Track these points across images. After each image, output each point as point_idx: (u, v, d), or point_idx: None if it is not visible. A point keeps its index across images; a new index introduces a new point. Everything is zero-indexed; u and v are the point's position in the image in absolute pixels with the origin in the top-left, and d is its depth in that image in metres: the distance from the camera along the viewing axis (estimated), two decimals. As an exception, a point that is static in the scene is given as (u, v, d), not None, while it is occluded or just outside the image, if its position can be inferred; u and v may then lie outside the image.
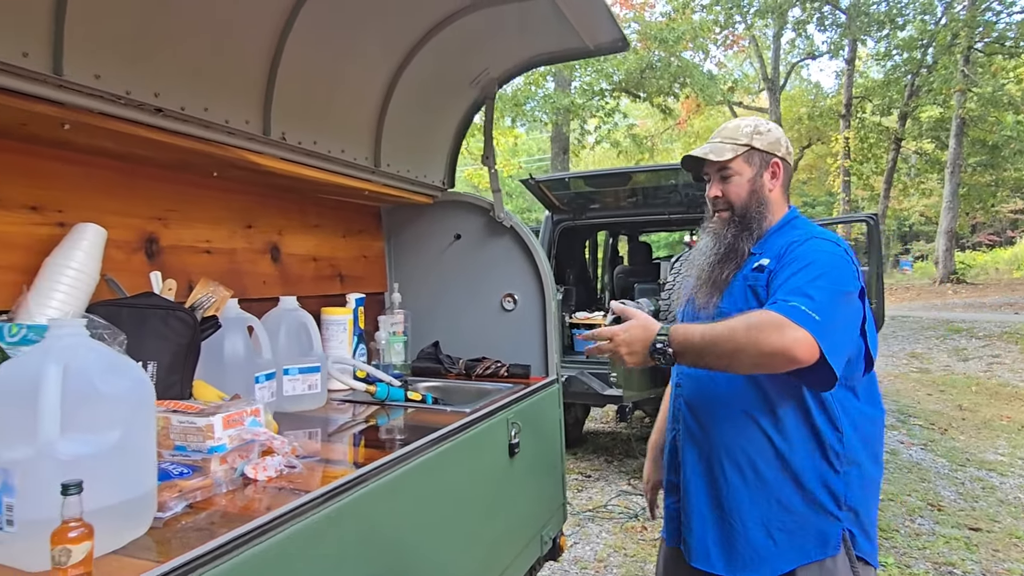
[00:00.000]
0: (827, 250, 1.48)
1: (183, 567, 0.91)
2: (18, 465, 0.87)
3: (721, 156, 1.59)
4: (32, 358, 0.93)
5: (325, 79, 1.94)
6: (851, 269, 1.46)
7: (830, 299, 1.37)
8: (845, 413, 1.50)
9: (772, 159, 1.61)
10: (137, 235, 1.68)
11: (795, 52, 22.51)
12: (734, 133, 1.62)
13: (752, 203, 1.60)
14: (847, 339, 1.41)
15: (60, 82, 1.22)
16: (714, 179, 1.63)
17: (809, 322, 1.31)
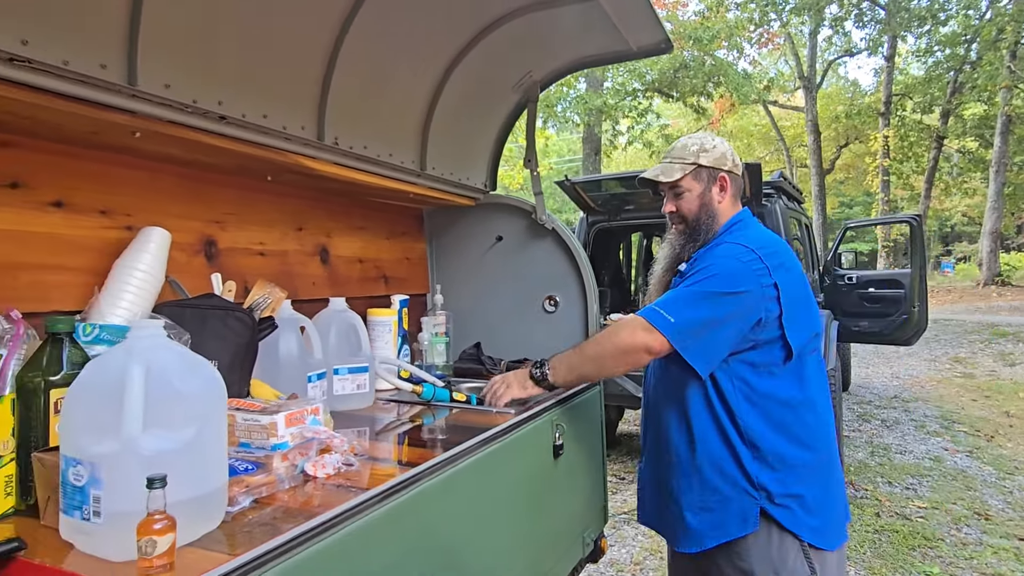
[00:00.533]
0: (726, 254, 1.69)
1: (256, 560, 0.94)
2: (104, 459, 0.92)
3: (671, 176, 1.79)
4: (116, 358, 0.97)
5: (375, 85, 1.98)
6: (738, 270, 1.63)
7: (697, 302, 1.62)
8: (746, 398, 1.66)
9: (719, 173, 1.79)
10: (197, 238, 1.74)
11: (832, 49, 22.09)
12: (682, 153, 1.81)
13: (703, 215, 1.80)
14: (710, 338, 1.61)
15: (134, 92, 1.27)
16: (668, 196, 1.84)
17: (662, 323, 1.61)
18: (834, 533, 1.70)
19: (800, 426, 1.68)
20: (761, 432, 1.66)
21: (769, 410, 1.67)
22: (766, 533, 1.65)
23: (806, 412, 1.70)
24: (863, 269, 8.23)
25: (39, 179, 1.39)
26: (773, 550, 1.65)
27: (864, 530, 3.97)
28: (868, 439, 5.90)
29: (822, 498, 1.68)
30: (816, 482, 1.68)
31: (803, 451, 1.68)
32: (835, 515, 1.72)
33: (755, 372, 1.68)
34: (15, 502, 1.10)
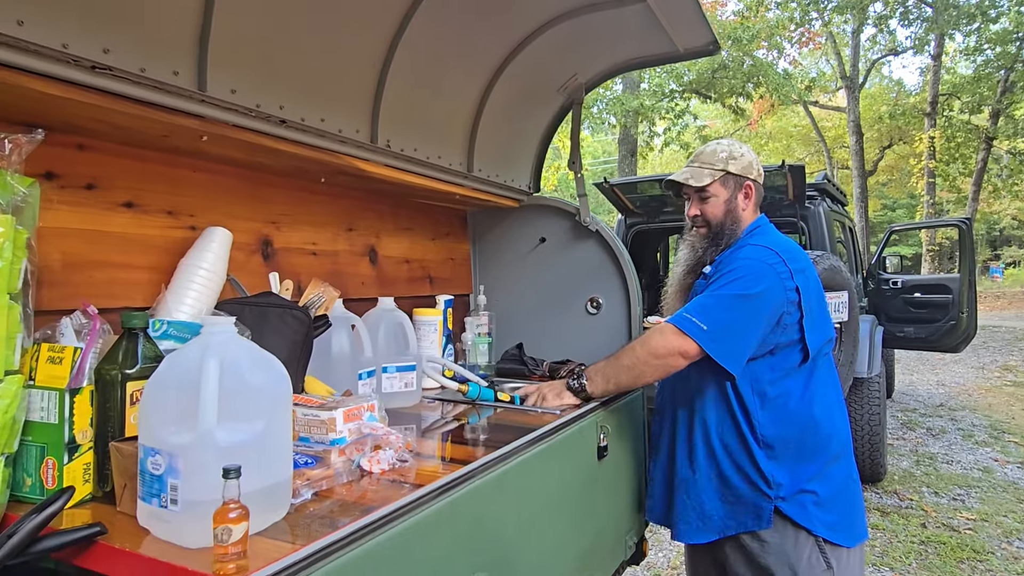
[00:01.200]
0: (750, 255, 1.75)
1: (322, 551, 0.97)
2: (182, 450, 0.96)
3: (700, 181, 1.84)
4: (191, 353, 1.01)
5: (426, 89, 2.01)
6: (763, 270, 1.68)
7: (725, 306, 1.67)
8: (761, 399, 1.72)
9: (745, 181, 1.85)
10: (255, 238, 1.79)
11: (876, 48, 21.55)
12: (711, 159, 1.86)
13: (727, 221, 1.85)
14: (741, 339, 1.66)
15: (203, 97, 1.32)
16: (693, 199, 1.89)
17: (694, 329, 1.66)
18: (851, 530, 1.74)
19: (813, 426, 1.73)
20: (775, 432, 1.71)
21: (783, 411, 1.72)
22: (781, 529, 1.70)
23: (819, 412, 1.74)
24: (907, 273, 8.02)
25: (112, 181, 1.45)
26: (789, 546, 1.70)
27: (909, 540, 3.88)
28: (913, 448, 5.75)
29: (837, 495, 1.73)
30: (830, 480, 1.73)
31: (816, 450, 1.72)
32: (852, 512, 1.76)
33: (771, 374, 1.73)
34: (92, 489, 1.15)
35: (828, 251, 4.54)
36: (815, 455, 1.73)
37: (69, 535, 0.96)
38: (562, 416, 1.82)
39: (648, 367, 1.76)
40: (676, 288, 1.98)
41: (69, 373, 1.13)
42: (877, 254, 7.00)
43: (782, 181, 4.48)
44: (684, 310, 1.73)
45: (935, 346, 6.45)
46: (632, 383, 1.86)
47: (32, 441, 1.12)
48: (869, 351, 4.71)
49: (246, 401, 1.02)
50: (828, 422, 1.77)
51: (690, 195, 1.91)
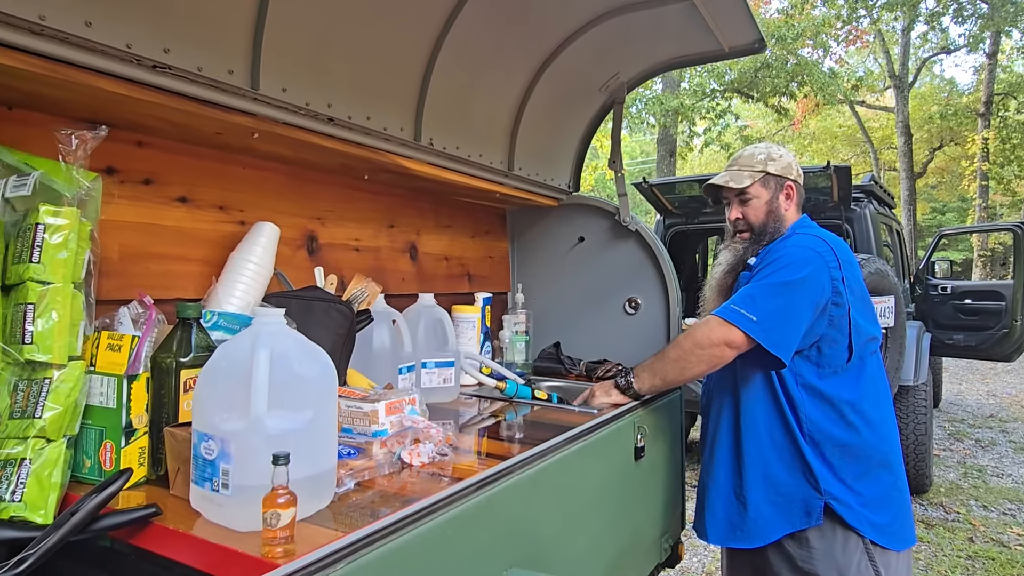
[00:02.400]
0: (798, 243, 1.73)
1: (366, 539, 0.99)
2: (233, 436, 0.99)
3: (740, 183, 1.82)
4: (243, 343, 1.05)
5: (468, 88, 2.03)
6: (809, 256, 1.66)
7: (772, 293, 1.65)
8: (810, 395, 1.70)
9: (786, 182, 1.84)
10: (301, 233, 1.84)
11: (927, 46, 20.87)
12: (750, 161, 1.85)
13: (770, 222, 1.83)
14: (789, 325, 1.64)
15: (256, 95, 1.36)
16: (734, 203, 1.87)
17: (740, 319, 1.64)
18: (900, 534, 1.70)
19: (863, 425, 1.70)
20: (825, 430, 1.69)
21: (832, 408, 1.69)
22: (830, 532, 1.67)
23: (869, 411, 1.71)
24: (957, 279, 7.76)
25: (168, 176, 1.51)
26: (837, 551, 1.67)
27: (956, 555, 3.75)
28: (960, 459, 5.56)
29: (886, 497, 1.70)
30: (878, 481, 1.70)
31: (863, 450, 1.69)
32: (900, 515, 1.72)
33: (819, 371, 1.71)
34: (147, 472, 1.20)
35: (874, 255, 4.43)
36: (862, 455, 1.70)
37: (127, 515, 1.01)
38: (600, 415, 1.82)
39: (694, 358, 1.73)
40: (715, 288, 1.96)
41: (127, 360, 1.17)
42: (925, 258, 6.79)
43: (826, 183, 4.38)
44: (730, 302, 1.71)
45: (986, 355, 6.23)
46: (679, 377, 1.82)
47: (92, 424, 1.17)
48: (916, 358, 4.58)
49: (295, 391, 1.05)
50: (877, 423, 1.73)
51: (730, 199, 1.89)
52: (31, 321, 1.06)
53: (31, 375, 1.09)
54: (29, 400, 1.07)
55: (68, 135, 1.14)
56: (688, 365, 1.76)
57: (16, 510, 1.03)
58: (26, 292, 1.07)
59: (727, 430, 1.85)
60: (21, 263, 1.08)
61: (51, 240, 1.08)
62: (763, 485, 1.75)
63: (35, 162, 1.16)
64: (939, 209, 26.82)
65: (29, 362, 1.07)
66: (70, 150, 1.14)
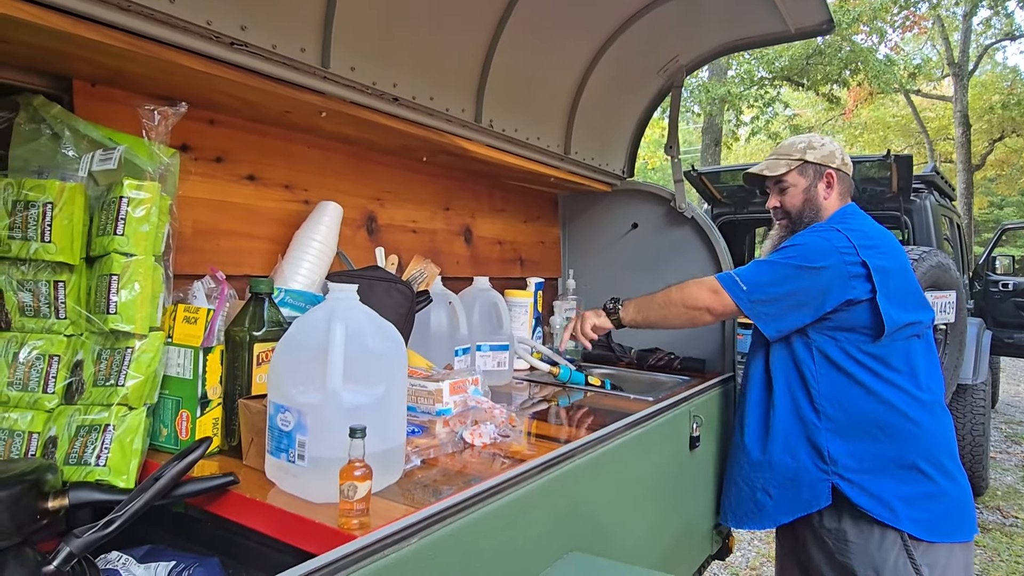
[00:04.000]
0: (812, 230, 1.74)
1: (436, 515, 1.00)
2: (310, 408, 1.00)
3: (775, 171, 1.85)
4: (318, 317, 1.06)
5: (529, 69, 2.01)
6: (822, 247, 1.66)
7: (773, 271, 1.68)
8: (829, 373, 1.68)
9: (826, 170, 1.83)
10: (361, 213, 1.85)
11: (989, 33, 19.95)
12: (788, 150, 1.87)
13: (806, 210, 1.83)
14: (782, 303, 1.67)
15: (326, 74, 1.37)
16: (773, 191, 1.90)
17: (734, 288, 1.71)
18: (948, 526, 1.61)
19: (889, 408, 1.64)
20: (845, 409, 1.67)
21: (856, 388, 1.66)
22: (866, 526, 1.62)
23: (898, 396, 1.65)
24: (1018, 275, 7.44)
25: (237, 155, 1.53)
26: (873, 546, 1.62)
27: (1014, 560, 3.63)
28: (1019, 463, 5.36)
29: (927, 488, 1.61)
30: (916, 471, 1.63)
31: (893, 434, 1.63)
32: (950, 506, 1.62)
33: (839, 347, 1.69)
34: (220, 443, 1.23)
35: (934, 248, 4.27)
36: (887, 440, 1.63)
37: (207, 482, 1.03)
38: (655, 404, 1.80)
39: (675, 311, 1.82)
40: None
41: (203, 333, 1.20)
42: (986, 253, 6.53)
43: (885, 173, 4.23)
44: (733, 270, 1.78)
45: (1049, 355, 5.98)
46: (660, 322, 1.90)
47: (169, 394, 1.20)
48: (975, 356, 4.41)
49: (368, 366, 1.05)
50: (909, 408, 1.65)
51: (770, 187, 1.91)
52: (115, 292, 1.09)
53: (114, 344, 1.12)
54: (112, 368, 1.11)
55: (151, 111, 1.17)
56: (669, 316, 1.85)
57: (101, 474, 1.06)
58: (111, 263, 1.10)
59: (755, 402, 1.85)
60: (106, 235, 1.11)
61: (134, 213, 1.11)
62: (779, 460, 1.75)
63: (118, 137, 1.19)
64: (997, 203, 25.73)
65: (113, 331, 1.10)
66: (152, 125, 1.16)
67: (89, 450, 1.07)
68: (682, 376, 2.28)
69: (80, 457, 1.07)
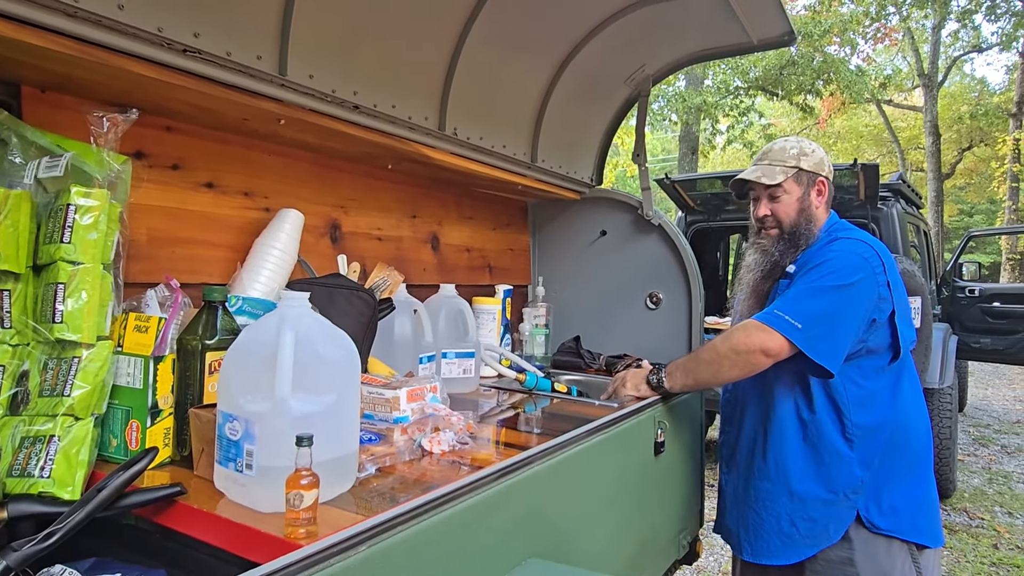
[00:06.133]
0: (844, 249, 1.66)
1: (387, 523, 0.99)
2: (258, 417, 0.99)
3: (773, 179, 1.76)
4: (269, 324, 1.05)
5: (493, 78, 2.02)
6: (856, 263, 1.60)
7: (819, 298, 1.58)
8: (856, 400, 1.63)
9: (818, 178, 1.78)
10: (324, 221, 1.84)
11: (957, 45, 20.45)
12: (781, 156, 1.78)
13: (801, 220, 1.77)
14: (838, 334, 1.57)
15: (283, 82, 1.36)
16: (762, 199, 1.80)
17: (783, 326, 1.57)
18: (938, 530, 1.70)
19: (901, 427, 1.67)
20: (864, 434, 1.64)
21: (872, 411, 1.65)
22: (872, 540, 1.63)
23: (907, 413, 1.69)
24: (985, 282, 7.60)
25: (195, 162, 1.52)
26: (881, 554, 1.63)
27: (979, 561, 3.69)
28: (985, 465, 5.46)
29: (925, 496, 1.68)
30: (922, 480, 1.69)
31: (902, 451, 1.66)
32: (935, 514, 1.71)
33: (862, 373, 1.66)
34: (171, 452, 1.21)
35: (901, 255, 4.35)
36: (901, 455, 1.66)
37: (153, 493, 1.02)
38: (619, 409, 1.80)
39: (728, 363, 1.66)
40: (750, 293, 1.86)
41: (154, 341, 1.19)
42: (953, 260, 6.67)
43: (853, 181, 4.31)
44: (772, 306, 1.63)
45: (1014, 359, 6.11)
46: (712, 379, 1.76)
47: (118, 404, 1.18)
48: (942, 361, 4.49)
49: (319, 373, 1.05)
50: (915, 422, 1.70)
51: (759, 195, 1.82)
52: (61, 300, 1.08)
53: (60, 354, 1.10)
54: (59, 378, 1.09)
55: (100, 117, 1.15)
56: (721, 369, 1.69)
57: (44, 486, 1.04)
58: (57, 272, 1.08)
59: (759, 438, 1.79)
60: (52, 243, 1.10)
61: (82, 221, 1.10)
62: (792, 500, 1.69)
63: (66, 144, 1.17)
64: (967, 211, 26.31)
65: (59, 341, 1.08)
66: (101, 132, 1.15)
67: (33, 461, 1.05)
68: (649, 382, 2.29)
69: (24, 469, 1.05)
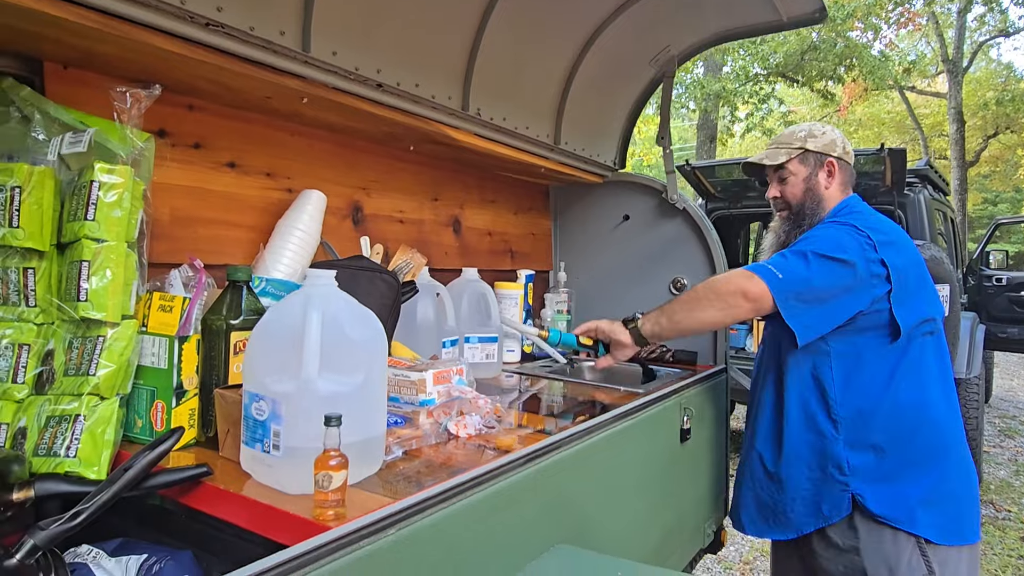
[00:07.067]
0: (829, 225, 1.67)
1: (415, 506, 0.97)
2: (285, 397, 0.97)
3: (775, 160, 1.79)
4: (295, 304, 1.03)
5: (517, 59, 1.98)
6: (845, 240, 1.57)
7: (804, 260, 1.55)
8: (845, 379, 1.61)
9: (827, 158, 1.77)
10: (347, 203, 1.82)
11: (983, 30, 19.97)
12: (788, 138, 1.81)
13: (807, 200, 1.77)
14: (814, 302, 1.54)
15: (306, 58, 1.33)
16: (773, 181, 1.83)
17: (767, 274, 1.54)
18: (958, 528, 1.59)
19: (901, 411, 1.60)
20: (856, 415, 1.61)
21: (866, 392, 1.61)
22: (877, 529, 1.58)
23: (911, 397, 1.61)
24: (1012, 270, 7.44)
25: (217, 141, 1.50)
26: (887, 543, 1.58)
27: (1007, 554, 3.62)
28: (1012, 456, 5.36)
29: (939, 488, 1.59)
30: (929, 471, 1.59)
31: (905, 438, 1.59)
32: (958, 507, 1.61)
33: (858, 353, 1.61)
34: (196, 434, 1.20)
35: (928, 241, 4.26)
36: (908, 444, 1.60)
37: (179, 473, 1.00)
38: (645, 396, 1.77)
39: (705, 302, 1.60)
40: None
41: (178, 321, 1.17)
42: (980, 248, 6.53)
43: (879, 166, 4.22)
44: (771, 262, 1.60)
45: (1042, 350, 5.99)
46: (687, 320, 1.66)
47: (143, 384, 1.17)
48: (969, 351, 4.41)
49: (346, 354, 1.03)
50: (923, 408, 1.62)
51: (771, 178, 1.85)
52: (86, 279, 1.06)
53: (85, 332, 1.09)
54: (83, 357, 1.08)
55: (123, 93, 1.13)
56: (697, 307, 1.62)
57: (71, 465, 1.03)
58: (81, 249, 1.07)
59: (767, 416, 1.78)
60: (76, 221, 1.08)
61: (106, 198, 1.08)
62: (796, 474, 1.68)
63: (89, 120, 1.16)
64: (991, 200, 25.81)
65: (84, 319, 1.07)
66: (124, 108, 1.13)
67: (59, 441, 1.04)
68: (674, 369, 2.26)
69: (50, 448, 1.04)
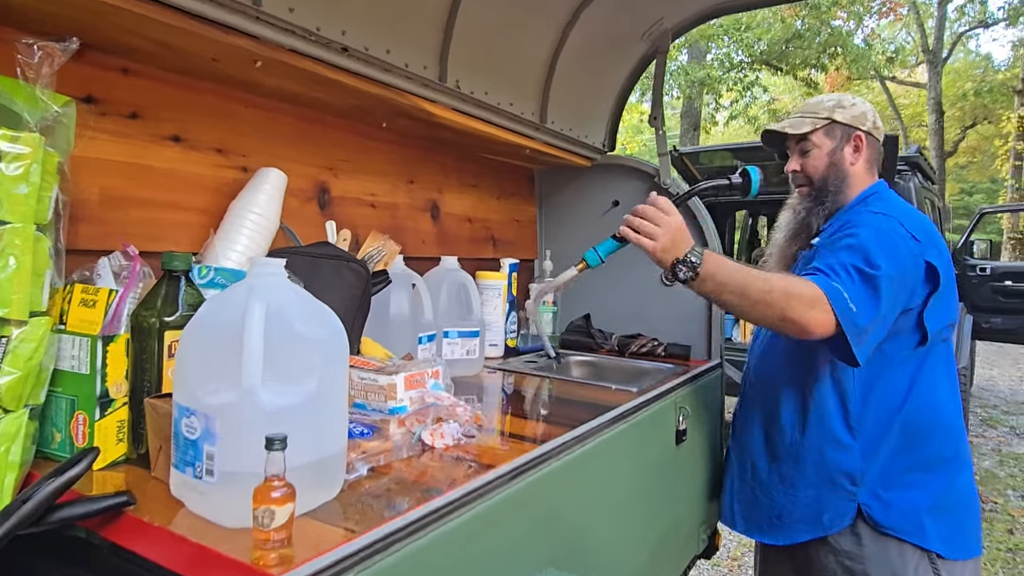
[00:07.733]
0: (878, 227, 1.45)
1: (380, 542, 0.81)
2: (220, 411, 0.81)
3: (799, 129, 1.61)
4: (235, 296, 0.86)
5: (500, 27, 1.81)
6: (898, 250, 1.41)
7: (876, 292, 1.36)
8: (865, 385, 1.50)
9: (855, 132, 1.60)
10: (311, 184, 1.64)
11: (963, 20, 20.07)
12: (815, 107, 1.64)
13: (831, 176, 1.61)
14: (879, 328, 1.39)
15: (258, 13, 1.16)
16: (793, 153, 1.66)
17: (841, 306, 1.33)
18: (966, 541, 1.51)
19: (918, 419, 1.51)
20: (873, 422, 1.52)
21: (885, 399, 1.51)
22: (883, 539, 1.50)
23: (928, 404, 1.52)
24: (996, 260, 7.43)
25: (158, 111, 1.31)
26: (893, 557, 1.48)
27: (995, 547, 3.57)
28: (995, 447, 5.34)
29: (948, 500, 1.50)
30: (940, 482, 1.51)
31: (919, 446, 1.51)
32: (966, 520, 1.53)
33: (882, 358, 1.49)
34: (127, 450, 1.03)
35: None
36: (917, 448, 1.51)
37: (93, 504, 0.83)
38: (638, 395, 1.63)
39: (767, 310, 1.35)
40: (778, 257, 1.74)
41: (103, 318, 0.99)
42: (964, 238, 6.50)
43: (871, 153, 4.12)
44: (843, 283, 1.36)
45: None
46: (739, 303, 1.39)
47: (62, 393, 1.00)
48: (957, 340, 4.35)
49: (296, 356, 0.86)
50: (937, 416, 1.54)
51: (792, 149, 1.68)
52: (-16, 268, 0.88)
53: (-15, 333, 0.91)
54: (-17, 362, 0.90)
55: (29, 45, 0.95)
56: (753, 315, 1.39)
57: (-35, 492, 0.86)
58: (-23, 233, 0.89)
59: (769, 415, 1.67)
60: (-29, 198, 0.90)
61: (7, 171, 0.89)
62: (798, 480, 1.58)
63: (-6, 80, 0.97)
64: (968, 190, 26.13)
65: (-19, 317, 0.89)
66: (31, 64, 0.95)
67: (-48, 463, 0.87)
68: (666, 364, 2.12)
69: (-60, 472, 0.87)
